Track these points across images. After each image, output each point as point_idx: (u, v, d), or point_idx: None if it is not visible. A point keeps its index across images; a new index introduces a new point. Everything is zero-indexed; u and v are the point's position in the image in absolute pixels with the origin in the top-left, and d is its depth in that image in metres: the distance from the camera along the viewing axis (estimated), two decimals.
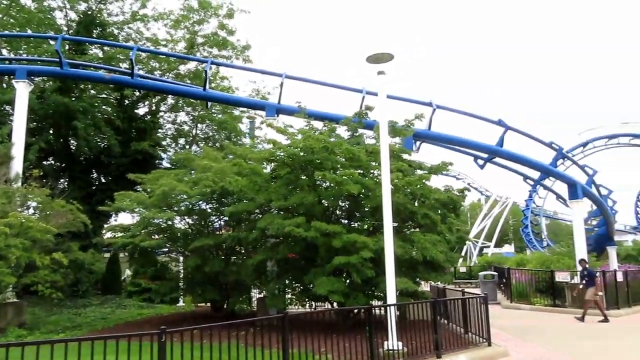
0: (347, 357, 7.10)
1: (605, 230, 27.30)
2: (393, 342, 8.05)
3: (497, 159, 18.37)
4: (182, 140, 26.50)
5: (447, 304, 10.91)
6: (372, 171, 11.05)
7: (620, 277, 16.21)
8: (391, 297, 8.36)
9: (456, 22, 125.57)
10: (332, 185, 10.56)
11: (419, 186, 11.19)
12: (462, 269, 34.20)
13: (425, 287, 14.92)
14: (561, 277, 16.88)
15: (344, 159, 10.94)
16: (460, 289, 12.32)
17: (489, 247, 41.75)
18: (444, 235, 10.98)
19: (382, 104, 9.09)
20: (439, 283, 18.72)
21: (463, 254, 42.35)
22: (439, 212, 11.76)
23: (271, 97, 23.98)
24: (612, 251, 28.61)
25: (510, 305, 17.98)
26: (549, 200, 39.48)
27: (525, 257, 25.84)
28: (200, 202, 12.71)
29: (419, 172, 11.94)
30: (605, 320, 13.53)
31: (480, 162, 17.86)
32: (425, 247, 10.34)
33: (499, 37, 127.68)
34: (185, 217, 13.11)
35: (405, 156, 13.17)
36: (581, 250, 17.54)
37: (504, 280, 20.72)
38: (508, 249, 52.02)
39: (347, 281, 10.32)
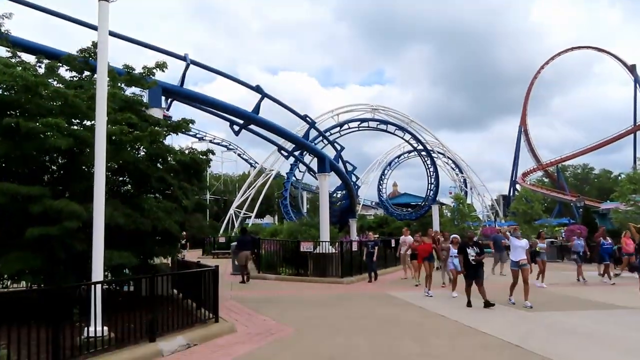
0: (34, 350, 5.86)
1: (349, 203, 31.46)
2: (97, 328, 7.00)
3: (254, 127, 18.72)
4: None
5: (182, 278, 10.44)
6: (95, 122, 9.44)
7: (355, 247, 18.65)
8: (98, 273, 7.23)
9: None
10: (34, 136, 8.57)
11: (155, 145, 10.16)
12: (222, 240, 34.67)
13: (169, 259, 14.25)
14: (305, 247, 18.39)
15: (56, 104, 9.05)
16: (215, 260, 11.92)
17: (251, 217, 43.63)
18: (180, 202, 10.28)
19: (102, 37, 7.67)
20: (181, 255, 18.34)
21: (225, 223, 43.12)
22: (180, 176, 11.03)
23: None
24: (353, 223, 33.48)
25: (258, 276, 18.70)
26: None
27: (279, 228, 27.71)
28: None
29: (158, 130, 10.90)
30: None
31: (236, 128, 17.88)
32: (157, 216, 9.45)
33: None
34: None
35: (154, 114, 11.96)
36: (325, 221, 19.53)
37: (255, 251, 21.61)
38: (269, 220, 55.70)
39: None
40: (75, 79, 10.72)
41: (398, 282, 17.04)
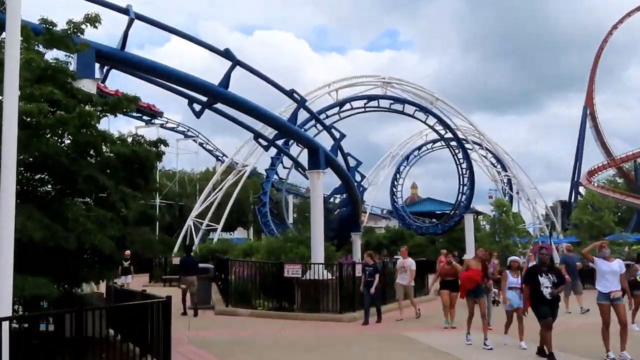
0: None
1: (351, 211, 31.53)
2: None
3: (221, 106, 18.70)
4: None
5: (122, 313, 10.40)
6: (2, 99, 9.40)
7: (359, 271, 18.61)
8: (4, 307, 7.19)
9: None
10: None
11: (85, 131, 10.12)
12: (177, 261, 34.62)
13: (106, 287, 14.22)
14: (291, 271, 18.38)
15: None
16: (164, 288, 11.91)
17: (216, 230, 43.72)
18: (119, 210, 10.26)
19: None
20: (117, 282, 18.27)
21: (181, 238, 43.12)
22: (120, 174, 11.01)
23: None
24: (356, 238, 33.57)
25: (227, 310, 18.76)
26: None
27: (256, 245, 27.75)
28: None
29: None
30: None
31: (198, 107, 17.87)
32: (86, 228, 9.42)
33: None
34: None
35: (85, 87, 11.91)
36: (319, 236, 19.57)
37: (223, 276, 21.61)
38: (241, 234, 55.78)
39: None
40: None
41: (414, 320, 17.12)
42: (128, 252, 22.38)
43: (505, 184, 62.85)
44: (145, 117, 58.76)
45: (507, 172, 60.29)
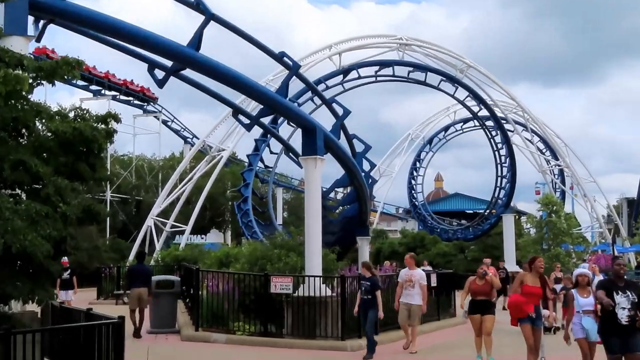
0: None
1: (357, 210, 31.51)
2: None
3: (191, 73, 18.64)
4: None
5: (61, 337, 10.40)
6: None
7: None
8: None
9: None
10: None
11: (14, 103, 10.10)
12: None
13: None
14: (280, 285, 18.43)
15: None
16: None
17: (184, 232, 43.74)
18: (55, 204, 10.22)
19: None
20: (59, 299, 18.26)
21: (138, 243, 43.13)
22: (59, 159, 10.99)
23: None
24: (365, 244, 33.66)
25: (196, 336, 18.85)
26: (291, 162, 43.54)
27: (235, 251, 27.75)
28: None
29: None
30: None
31: (161, 74, 17.82)
32: (12, 227, 9.38)
33: None
34: None
35: (14, 47, 11.87)
36: (315, 241, 19.58)
37: (191, 292, 21.63)
38: (216, 237, 55.80)
39: None
40: None
41: (436, 349, 17.31)
42: (66, 259, 22.44)
43: (556, 177, 63.07)
44: (93, 87, 58.43)
45: (559, 161, 60.35)
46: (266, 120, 28.92)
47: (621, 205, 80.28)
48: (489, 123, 56.26)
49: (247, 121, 22.99)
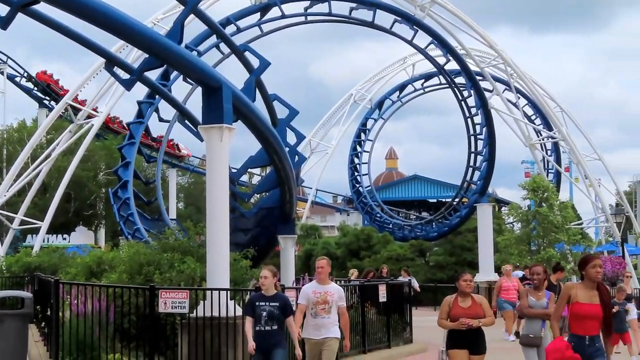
0: None
1: (278, 199, 31.64)
2: None
3: (48, 9, 18.47)
4: None
5: None
6: None
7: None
8: None
9: None
10: None
11: None
12: None
13: None
14: (171, 303, 18.45)
15: None
16: None
17: (39, 231, 43.33)
18: None
19: None
20: None
21: None
22: None
23: None
24: (289, 244, 33.80)
25: None
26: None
27: (110, 256, 27.64)
28: None
29: None
30: None
31: (5, 10, 17.60)
32: None
33: None
34: None
35: None
36: (220, 240, 19.65)
37: (48, 313, 21.51)
38: (83, 237, 55.36)
39: None
40: None
41: None
42: None
43: (549, 153, 64.11)
44: None
45: (553, 132, 60.71)
46: (153, 75, 28.74)
47: (635, 191, 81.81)
48: (460, 80, 56.76)
49: (127, 76, 22.86)
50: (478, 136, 57.73)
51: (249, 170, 40.58)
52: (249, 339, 13.87)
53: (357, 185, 68.79)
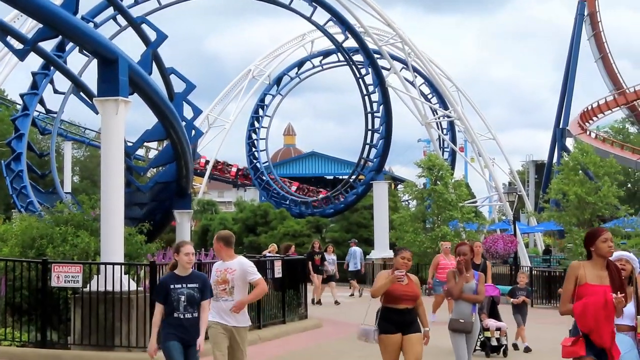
0: None
1: (174, 173, 31.52)
2: None
3: None
4: None
5: None
6: None
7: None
8: None
9: None
10: None
11: None
12: None
13: None
14: (64, 277, 18.30)
15: None
16: None
17: None
18: None
19: None
20: None
21: None
22: None
23: None
24: (185, 219, 33.72)
25: None
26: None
27: (1, 230, 27.21)
28: None
29: None
30: None
31: None
32: None
33: None
34: None
35: None
36: (115, 213, 19.53)
37: None
38: None
39: None
40: None
41: None
42: None
43: (445, 132, 65.05)
44: None
45: (449, 111, 61.70)
46: (48, 45, 28.28)
47: (527, 171, 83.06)
48: (358, 58, 57.05)
49: (20, 46, 22.54)
50: (375, 114, 58.35)
51: (146, 144, 40.16)
52: (153, 335, 11.66)
53: (255, 161, 68.71)
